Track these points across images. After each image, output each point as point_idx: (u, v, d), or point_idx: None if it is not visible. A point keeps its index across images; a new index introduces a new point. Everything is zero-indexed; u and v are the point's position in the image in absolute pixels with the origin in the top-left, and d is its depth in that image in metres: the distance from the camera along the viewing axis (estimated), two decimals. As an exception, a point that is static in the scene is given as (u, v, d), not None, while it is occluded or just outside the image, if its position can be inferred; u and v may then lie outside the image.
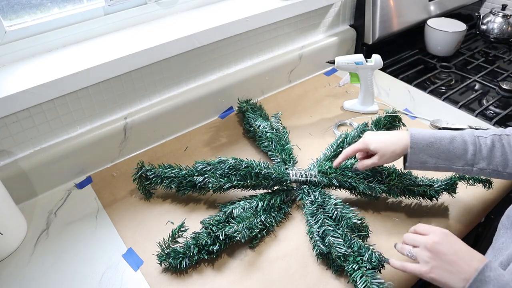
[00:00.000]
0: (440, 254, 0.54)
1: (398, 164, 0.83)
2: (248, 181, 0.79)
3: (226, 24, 0.97)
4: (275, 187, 0.82)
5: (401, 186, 0.78)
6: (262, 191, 0.82)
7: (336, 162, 0.79)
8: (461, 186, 0.81)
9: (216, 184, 0.78)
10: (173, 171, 0.82)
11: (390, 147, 0.70)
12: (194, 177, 0.81)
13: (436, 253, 0.54)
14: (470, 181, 0.81)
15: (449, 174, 0.81)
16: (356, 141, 0.90)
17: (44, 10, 0.87)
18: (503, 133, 0.66)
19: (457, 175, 0.80)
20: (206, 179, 0.79)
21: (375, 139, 0.72)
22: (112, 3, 0.92)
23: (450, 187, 0.79)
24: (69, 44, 0.91)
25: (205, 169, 0.81)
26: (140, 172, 0.84)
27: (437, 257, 0.54)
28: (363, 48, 1.31)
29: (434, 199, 0.80)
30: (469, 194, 0.83)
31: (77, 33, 0.91)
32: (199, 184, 0.80)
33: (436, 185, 0.79)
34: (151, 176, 0.83)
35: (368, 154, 0.76)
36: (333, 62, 1.04)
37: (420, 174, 0.81)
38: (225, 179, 0.79)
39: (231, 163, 0.80)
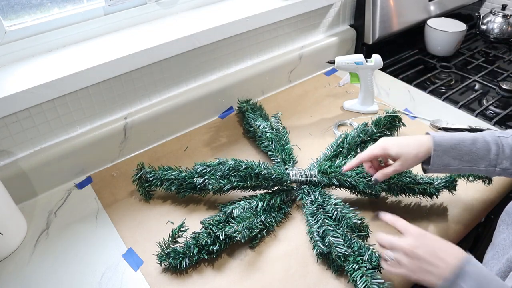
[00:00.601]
0: (419, 258, 0.55)
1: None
2: (248, 182, 0.79)
3: (226, 24, 0.97)
4: (275, 187, 0.82)
5: (401, 184, 0.78)
6: (262, 191, 0.82)
7: (348, 166, 0.74)
8: (461, 185, 0.81)
9: (216, 185, 0.78)
10: (173, 173, 0.82)
11: (412, 151, 0.67)
12: (194, 179, 0.80)
13: (415, 257, 0.55)
14: (470, 178, 0.80)
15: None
16: (356, 141, 0.90)
17: (44, 10, 0.87)
18: None
19: None
20: (206, 181, 0.79)
21: (395, 143, 0.68)
22: (112, 3, 0.92)
23: (450, 184, 0.79)
24: (69, 44, 0.91)
25: (204, 170, 0.81)
26: (139, 174, 0.84)
27: (416, 260, 0.55)
28: (363, 48, 1.31)
29: (434, 196, 0.80)
30: (469, 194, 0.83)
31: (77, 33, 0.91)
32: (199, 186, 0.80)
33: (436, 183, 0.79)
34: (150, 178, 0.83)
35: (379, 163, 0.73)
36: (333, 62, 1.04)
37: (419, 172, 0.81)
38: (225, 180, 0.79)
39: (230, 164, 0.80)
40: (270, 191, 0.82)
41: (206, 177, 0.80)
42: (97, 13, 0.92)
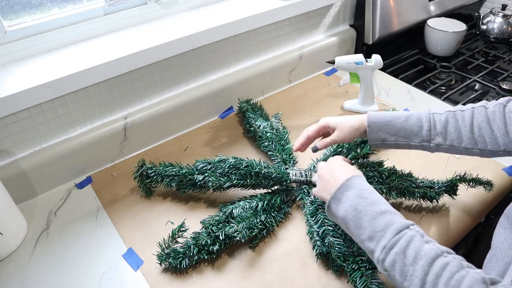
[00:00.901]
0: (322, 177, 0.67)
1: (399, 165, 0.83)
2: (248, 181, 0.79)
3: (226, 24, 0.97)
4: (275, 187, 0.82)
5: (401, 187, 0.78)
6: (262, 190, 0.82)
7: (296, 144, 0.79)
8: (462, 187, 0.81)
9: (216, 183, 0.78)
10: (174, 169, 0.82)
11: (347, 122, 0.74)
12: (194, 175, 0.81)
13: (320, 176, 0.68)
14: (471, 183, 0.80)
15: (449, 177, 0.81)
16: (356, 141, 0.90)
17: (44, 10, 0.87)
18: (457, 110, 0.68)
19: (458, 176, 0.80)
20: (206, 178, 0.79)
21: (335, 118, 0.76)
22: (112, 3, 0.92)
23: (451, 189, 0.79)
24: (69, 44, 0.91)
25: (205, 168, 0.81)
26: (141, 170, 0.84)
27: (321, 180, 0.67)
28: (363, 48, 1.31)
29: (434, 200, 0.80)
30: (469, 195, 0.83)
31: (77, 33, 0.91)
32: (199, 183, 0.80)
33: (437, 187, 0.79)
34: (151, 174, 0.83)
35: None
36: (333, 62, 1.05)
37: (420, 176, 0.81)
38: (225, 178, 0.79)
39: (231, 162, 0.80)
40: (270, 191, 0.82)
41: (206, 174, 0.80)
42: (97, 13, 0.92)
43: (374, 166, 0.81)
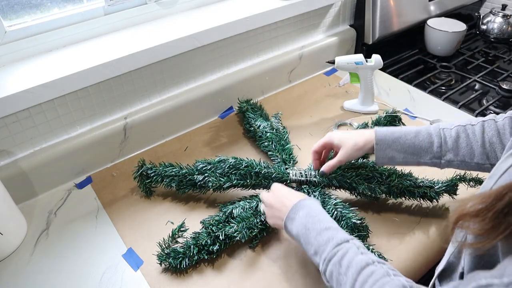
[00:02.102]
0: (270, 206, 0.68)
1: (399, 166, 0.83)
2: (248, 181, 0.79)
3: (226, 24, 0.97)
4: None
5: (401, 187, 0.78)
6: (263, 191, 0.82)
7: (313, 166, 0.80)
8: (462, 187, 0.81)
9: (216, 183, 0.78)
10: (174, 169, 0.82)
11: (351, 140, 0.72)
12: (194, 176, 0.81)
13: (268, 206, 0.68)
14: (471, 182, 0.80)
15: (450, 175, 0.81)
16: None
17: (44, 10, 0.87)
18: (467, 124, 0.66)
19: (458, 176, 0.80)
20: (206, 178, 0.79)
21: (339, 134, 0.75)
22: (112, 3, 0.92)
23: (451, 188, 0.79)
24: (69, 44, 0.91)
25: (205, 168, 0.81)
26: (141, 171, 0.84)
27: (269, 208, 0.68)
28: (363, 48, 1.31)
29: (434, 200, 0.79)
30: (469, 195, 0.83)
31: (77, 33, 0.91)
32: (199, 183, 0.80)
33: (437, 187, 0.79)
34: (151, 175, 0.83)
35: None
36: (333, 62, 1.04)
37: (420, 175, 0.81)
38: (225, 178, 0.79)
39: (231, 162, 0.80)
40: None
41: (206, 174, 0.80)
42: (97, 13, 0.92)
43: (374, 166, 0.81)
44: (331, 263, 0.54)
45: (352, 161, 0.83)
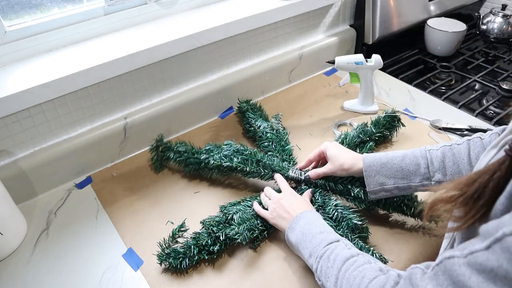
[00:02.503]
0: (281, 206, 0.71)
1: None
2: (248, 167, 0.81)
3: (226, 24, 0.97)
4: (275, 185, 0.82)
5: (397, 200, 0.75)
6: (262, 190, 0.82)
7: (301, 164, 0.84)
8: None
9: (217, 161, 0.82)
10: (184, 146, 0.89)
11: (340, 160, 0.75)
12: (200, 154, 0.86)
13: (279, 205, 0.72)
14: None
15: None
16: (355, 141, 0.90)
17: (44, 10, 0.87)
18: (453, 143, 0.67)
19: None
20: (210, 157, 0.84)
21: (335, 147, 0.78)
22: (112, 3, 0.92)
23: None
24: (69, 44, 0.91)
25: (212, 149, 0.87)
26: (157, 144, 0.92)
27: (279, 208, 0.71)
28: (363, 48, 1.31)
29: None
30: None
31: (77, 33, 0.91)
32: (203, 162, 0.85)
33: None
34: (164, 150, 0.91)
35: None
36: (333, 62, 1.04)
37: (420, 193, 0.77)
38: (227, 158, 0.82)
39: (236, 147, 0.85)
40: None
41: (211, 154, 0.85)
42: (97, 13, 0.92)
43: None
44: (322, 259, 0.59)
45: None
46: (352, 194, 0.76)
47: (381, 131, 0.94)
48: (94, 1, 0.92)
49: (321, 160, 0.83)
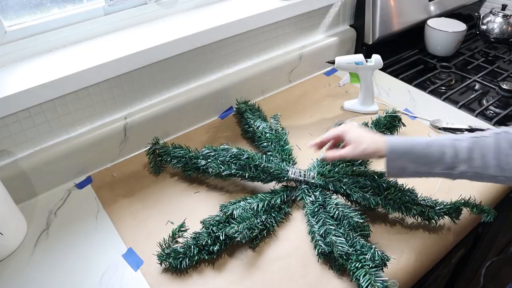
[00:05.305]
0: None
1: (399, 179, 0.79)
2: (247, 173, 0.81)
3: (226, 24, 0.97)
4: (275, 187, 0.82)
5: (398, 201, 0.75)
6: (263, 190, 0.82)
7: (312, 142, 0.79)
8: (462, 185, 0.81)
9: (216, 169, 0.81)
10: (182, 151, 0.87)
11: (362, 145, 0.71)
12: (199, 160, 0.85)
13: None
14: (474, 209, 0.76)
15: (454, 199, 0.78)
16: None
17: (44, 10, 0.87)
18: (481, 136, 0.66)
19: (462, 200, 0.77)
20: (208, 164, 0.83)
21: (355, 130, 0.73)
22: (112, 3, 0.92)
23: (454, 212, 0.75)
24: (69, 44, 0.91)
25: (209, 153, 0.85)
26: (153, 148, 0.90)
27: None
28: (363, 48, 1.31)
29: (432, 221, 0.76)
30: (470, 194, 0.83)
31: (77, 33, 0.91)
32: (201, 167, 0.84)
33: (438, 208, 0.75)
34: (162, 154, 0.89)
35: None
36: (333, 62, 1.04)
37: (424, 193, 0.78)
38: (225, 166, 0.81)
39: (233, 152, 0.83)
40: (270, 190, 0.82)
41: (209, 160, 0.83)
42: (97, 13, 0.92)
43: (374, 176, 0.79)
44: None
45: (354, 168, 0.82)
46: (353, 199, 0.77)
47: (382, 131, 0.94)
48: (94, 1, 0.92)
49: (332, 143, 0.79)
